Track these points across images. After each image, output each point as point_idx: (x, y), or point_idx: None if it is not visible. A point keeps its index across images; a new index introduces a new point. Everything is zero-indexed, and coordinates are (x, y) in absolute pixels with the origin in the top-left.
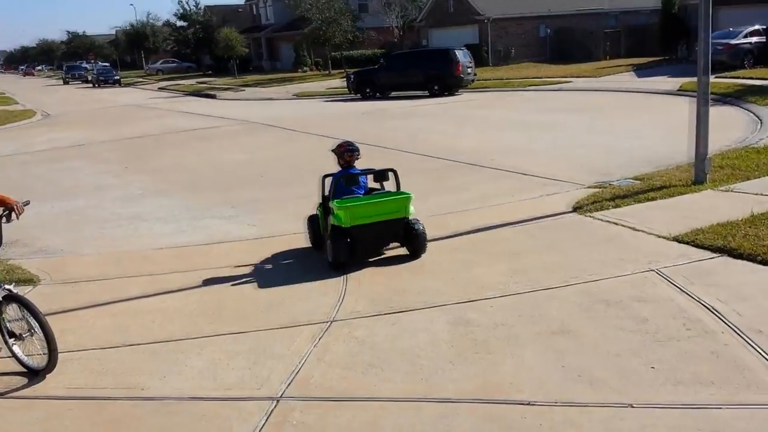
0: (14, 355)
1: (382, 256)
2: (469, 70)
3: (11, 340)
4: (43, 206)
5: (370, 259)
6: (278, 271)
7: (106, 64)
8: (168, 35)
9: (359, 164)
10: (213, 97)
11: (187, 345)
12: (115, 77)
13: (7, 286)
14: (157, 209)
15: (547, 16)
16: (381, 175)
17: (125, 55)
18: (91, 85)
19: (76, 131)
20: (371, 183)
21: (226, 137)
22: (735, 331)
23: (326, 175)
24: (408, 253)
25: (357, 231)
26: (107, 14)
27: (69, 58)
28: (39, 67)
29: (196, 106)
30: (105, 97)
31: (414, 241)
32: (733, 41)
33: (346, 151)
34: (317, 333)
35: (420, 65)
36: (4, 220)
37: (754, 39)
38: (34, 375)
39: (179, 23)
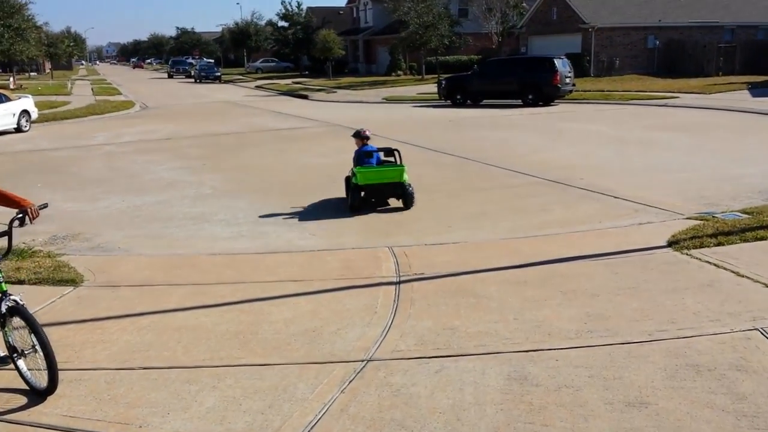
0: (18, 371)
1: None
2: (567, 80)
3: (14, 356)
4: (114, 199)
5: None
6: (326, 290)
7: (211, 60)
8: (269, 35)
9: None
10: (305, 97)
11: (205, 374)
12: (216, 74)
13: (13, 297)
14: (222, 210)
15: (657, 26)
16: (389, 152)
17: (229, 53)
18: (193, 80)
19: (167, 125)
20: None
21: (308, 139)
22: None
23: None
24: (403, 205)
25: (367, 188)
26: (217, 12)
27: (177, 53)
28: (148, 61)
29: (287, 106)
30: (203, 92)
31: (405, 198)
32: None
33: (364, 136)
34: (349, 374)
35: (515, 73)
36: (16, 223)
37: None
38: (36, 395)
39: (281, 23)
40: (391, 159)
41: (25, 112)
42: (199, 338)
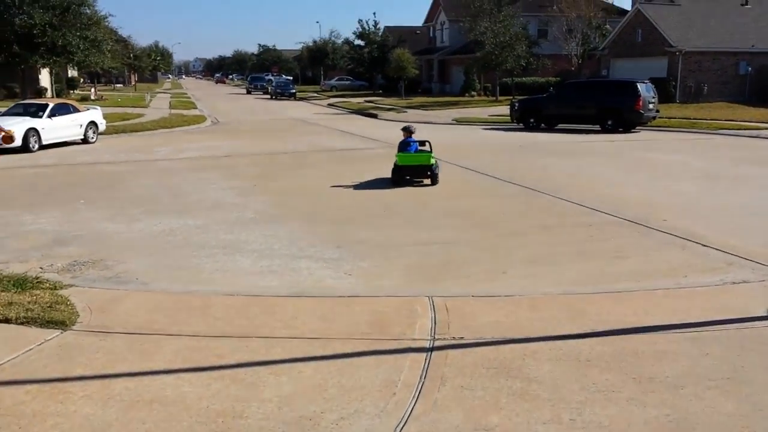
0: None
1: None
2: (651, 105)
3: None
4: (151, 221)
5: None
6: (342, 355)
7: (289, 77)
8: (346, 53)
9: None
10: (375, 116)
11: None
12: (291, 91)
13: None
14: (259, 239)
15: (750, 52)
16: (423, 143)
17: (306, 70)
18: (269, 96)
19: (231, 141)
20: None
21: (367, 161)
22: None
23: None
24: (430, 182)
25: (405, 168)
26: (298, 30)
27: (258, 69)
28: (231, 76)
29: (354, 125)
30: (276, 109)
31: (432, 176)
32: None
33: (411, 131)
34: None
35: (594, 96)
36: None
37: None
38: None
39: (357, 42)
40: (425, 147)
41: (92, 124)
42: (170, 419)
